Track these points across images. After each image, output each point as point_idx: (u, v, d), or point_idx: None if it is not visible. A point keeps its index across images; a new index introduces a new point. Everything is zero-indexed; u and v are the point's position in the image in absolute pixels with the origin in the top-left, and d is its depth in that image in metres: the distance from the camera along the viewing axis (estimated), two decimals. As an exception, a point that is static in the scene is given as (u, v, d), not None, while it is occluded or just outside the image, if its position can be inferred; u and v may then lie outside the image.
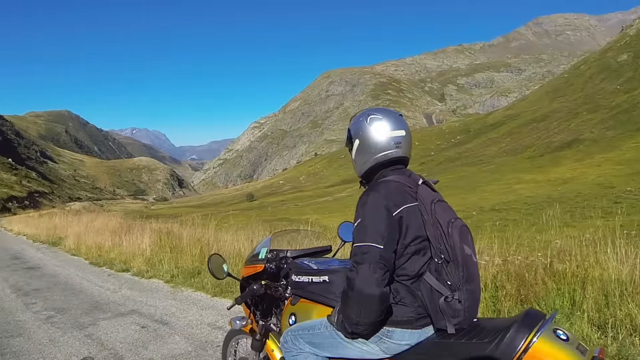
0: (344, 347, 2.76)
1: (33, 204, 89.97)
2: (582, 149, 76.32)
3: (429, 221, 2.56)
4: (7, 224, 43.98)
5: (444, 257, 2.52)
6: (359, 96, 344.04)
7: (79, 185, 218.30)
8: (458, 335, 2.46)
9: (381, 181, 2.67)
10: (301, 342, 2.96)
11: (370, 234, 2.47)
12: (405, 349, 2.62)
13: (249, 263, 3.69)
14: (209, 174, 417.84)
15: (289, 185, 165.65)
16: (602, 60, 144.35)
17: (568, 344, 2.20)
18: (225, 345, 4.28)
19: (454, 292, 2.50)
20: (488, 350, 2.26)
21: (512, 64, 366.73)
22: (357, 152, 2.76)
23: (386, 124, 2.71)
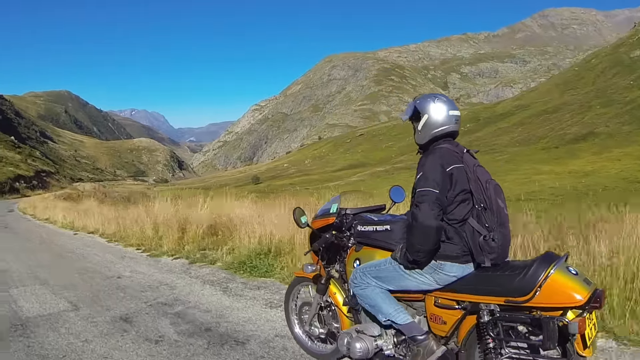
0: (405, 279, 3.54)
1: (41, 184, 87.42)
2: (598, 142, 76.29)
3: (471, 178, 3.32)
4: (29, 208, 35.99)
5: (483, 205, 3.27)
6: (361, 81, 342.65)
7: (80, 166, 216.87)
8: (493, 270, 3.22)
9: (436, 147, 3.48)
10: (368, 277, 3.73)
11: (429, 182, 3.26)
12: (453, 280, 3.37)
13: (320, 216, 4.51)
14: (208, 156, 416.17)
15: (294, 168, 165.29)
16: (614, 55, 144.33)
17: (577, 277, 2.95)
18: (288, 293, 5.10)
19: (490, 232, 3.22)
20: (517, 279, 3.01)
21: (516, 55, 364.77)
22: (424, 125, 3.54)
23: (448, 105, 3.53)
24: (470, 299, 3.22)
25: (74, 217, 21.41)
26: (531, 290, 2.93)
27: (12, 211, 37.16)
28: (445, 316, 3.39)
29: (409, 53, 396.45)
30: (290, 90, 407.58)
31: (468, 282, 3.29)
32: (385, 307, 3.62)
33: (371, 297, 3.68)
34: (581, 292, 2.86)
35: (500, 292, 3.06)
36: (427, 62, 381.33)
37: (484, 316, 3.13)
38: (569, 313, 2.92)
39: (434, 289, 3.44)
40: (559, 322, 2.83)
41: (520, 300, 2.97)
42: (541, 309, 2.94)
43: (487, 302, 3.13)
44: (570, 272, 2.98)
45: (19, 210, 37.26)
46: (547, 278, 2.91)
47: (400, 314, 3.58)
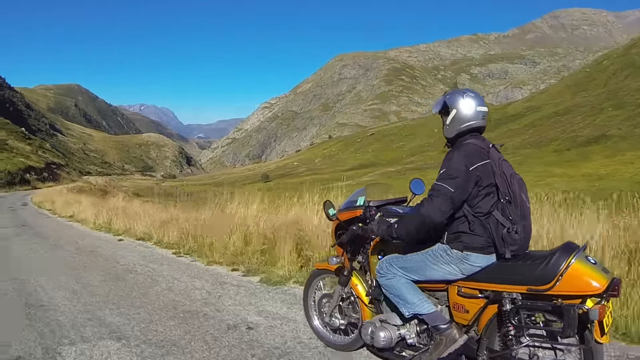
0: (431, 270, 3.69)
1: (52, 176, 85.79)
2: (611, 145, 75.77)
3: (497, 173, 3.46)
4: (46, 202, 31.62)
5: (508, 198, 3.42)
6: (372, 80, 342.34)
7: (89, 159, 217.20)
8: (515, 260, 3.39)
9: (463, 143, 3.61)
10: (394, 268, 3.87)
11: (448, 180, 3.43)
12: (477, 270, 3.51)
13: (347, 209, 4.61)
14: (217, 152, 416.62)
15: (304, 167, 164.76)
16: (626, 56, 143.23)
17: (596, 266, 3.10)
18: (307, 285, 5.19)
19: (514, 225, 3.37)
20: (539, 269, 3.17)
21: (526, 56, 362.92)
22: (453, 119, 3.68)
23: (476, 100, 3.66)
24: (493, 288, 3.41)
25: (110, 216, 17.33)
26: (553, 279, 3.08)
27: (26, 205, 33.70)
28: (468, 305, 3.59)
29: (420, 53, 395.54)
30: (301, 88, 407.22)
31: (491, 271, 3.47)
32: (410, 297, 3.76)
33: (397, 287, 3.83)
34: (600, 280, 2.99)
35: (523, 281, 3.25)
36: (437, 63, 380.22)
37: (506, 304, 3.30)
38: (588, 301, 3.04)
39: (458, 279, 3.62)
40: (579, 309, 2.97)
41: (542, 288, 3.13)
42: (562, 297, 3.08)
43: (510, 291, 3.30)
44: (589, 262, 3.13)
45: (34, 204, 33.74)
46: (568, 267, 3.06)
47: (425, 303, 3.75)
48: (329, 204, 4.77)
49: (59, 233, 16.24)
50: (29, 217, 23.34)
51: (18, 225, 19.08)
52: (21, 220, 21.05)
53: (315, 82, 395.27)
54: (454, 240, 3.57)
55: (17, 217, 23.41)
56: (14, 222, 20.30)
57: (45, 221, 21.09)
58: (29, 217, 23.34)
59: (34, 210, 28.45)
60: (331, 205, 4.76)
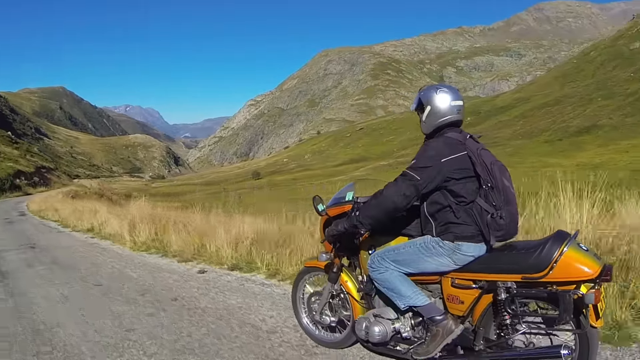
0: (424, 262, 3.65)
1: (43, 181, 79.63)
2: (602, 134, 76.55)
3: (477, 162, 3.41)
4: (48, 211, 25.59)
5: (490, 185, 3.37)
6: (358, 75, 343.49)
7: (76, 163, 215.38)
8: (509, 249, 3.41)
9: (438, 136, 3.65)
10: (386, 261, 3.81)
11: (416, 169, 3.47)
12: (470, 260, 3.49)
13: (335, 204, 4.50)
14: (204, 151, 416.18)
15: (294, 163, 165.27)
16: (613, 47, 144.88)
17: (588, 253, 3.14)
18: (296, 283, 5.10)
19: (498, 210, 3.34)
20: (533, 257, 3.17)
21: (512, 48, 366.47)
22: (428, 115, 3.69)
23: (450, 95, 3.66)
24: (487, 278, 3.40)
25: (153, 231, 12.02)
26: (547, 267, 3.11)
27: (24, 214, 26.96)
28: (462, 296, 3.56)
29: (405, 47, 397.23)
30: (286, 85, 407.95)
31: (484, 261, 3.46)
32: (404, 290, 3.74)
33: (390, 280, 3.79)
34: (593, 266, 3.04)
35: (517, 270, 3.24)
36: (423, 56, 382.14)
37: (501, 293, 3.29)
38: (582, 287, 3.06)
39: (451, 270, 3.59)
40: (574, 294, 3.02)
41: (536, 276, 3.15)
42: (556, 283, 3.13)
43: (504, 280, 3.30)
44: (582, 249, 3.16)
45: (33, 212, 27.00)
46: (561, 254, 3.09)
47: (419, 295, 3.71)
48: (318, 199, 4.68)
49: (90, 260, 10.27)
50: (35, 232, 17.39)
51: (23, 245, 13.32)
52: (26, 238, 15.20)
53: (300, 78, 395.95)
54: (444, 232, 3.57)
55: (19, 232, 17.66)
56: (16, 241, 14.48)
57: (60, 239, 14.85)
58: (35, 232, 17.39)
59: (36, 221, 22.17)
60: (320, 201, 4.67)
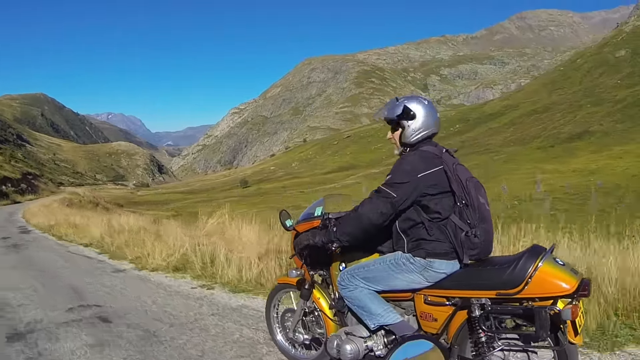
0: (394, 279, 3.55)
1: (31, 188, 77.43)
2: (594, 141, 77.10)
3: (452, 178, 3.34)
4: (54, 225, 20.47)
5: (464, 202, 3.31)
6: (342, 83, 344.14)
7: (60, 170, 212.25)
8: (483, 265, 3.31)
9: (414, 150, 3.53)
10: (356, 279, 3.70)
11: (392, 185, 3.34)
12: (442, 277, 3.40)
13: (304, 220, 4.39)
14: (187, 159, 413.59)
15: (282, 171, 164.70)
16: (599, 55, 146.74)
17: (565, 267, 3.06)
18: (270, 300, 5.00)
19: (473, 229, 3.27)
20: (507, 273, 3.09)
21: (495, 56, 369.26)
22: (415, 126, 3.55)
23: (433, 108, 3.64)
24: (460, 295, 3.30)
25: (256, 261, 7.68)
26: (522, 282, 3.03)
27: (27, 231, 20.50)
28: (435, 313, 3.45)
29: (388, 55, 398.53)
30: (270, 93, 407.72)
31: (457, 278, 3.37)
32: (375, 308, 3.63)
33: (360, 298, 3.68)
34: (569, 281, 2.96)
35: (491, 286, 3.16)
36: (406, 64, 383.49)
37: (476, 310, 3.21)
38: (559, 302, 3.01)
39: (423, 287, 3.49)
40: (550, 310, 2.95)
41: (511, 292, 3.08)
42: (532, 299, 3.05)
43: (478, 297, 3.21)
44: (557, 263, 3.09)
45: (38, 228, 21.01)
46: (536, 269, 3.02)
47: (390, 313, 3.61)
48: (285, 214, 4.57)
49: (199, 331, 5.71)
50: (71, 269, 10.46)
51: (77, 312, 6.64)
52: (64, 287, 8.40)
53: (284, 86, 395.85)
54: (416, 248, 3.48)
55: (38, 268, 10.68)
56: (51, 297, 7.68)
57: (140, 291, 7.96)
58: (71, 269, 10.46)
59: (54, 244, 15.50)
60: (287, 216, 4.56)
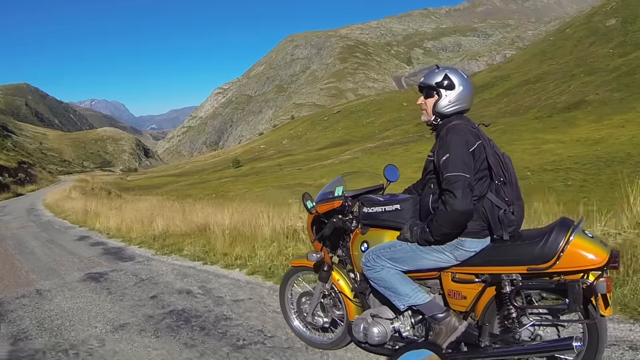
0: (422, 259, 3.48)
1: (29, 178, 72.81)
2: (592, 110, 76.90)
3: (490, 153, 3.31)
4: (113, 225, 15.67)
5: (502, 179, 3.29)
6: (326, 59, 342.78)
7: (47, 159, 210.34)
8: (511, 240, 3.25)
9: (455, 124, 3.43)
10: (382, 259, 3.63)
11: (458, 165, 3.19)
12: (472, 255, 3.36)
13: (324, 200, 4.32)
14: (173, 142, 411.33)
15: (273, 149, 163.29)
16: (588, 24, 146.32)
17: (594, 240, 3.05)
18: (284, 284, 4.92)
19: (510, 206, 3.25)
20: (538, 247, 3.07)
21: (479, 28, 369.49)
22: (456, 97, 3.47)
23: (471, 84, 3.53)
24: (490, 271, 3.27)
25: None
26: (554, 256, 3.02)
27: (84, 236, 15.10)
28: (465, 291, 3.41)
29: (371, 30, 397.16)
30: (253, 71, 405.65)
31: (487, 254, 3.32)
32: (403, 289, 3.57)
33: (386, 279, 3.61)
34: (600, 254, 2.95)
35: (522, 261, 3.14)
36: (389, 38, 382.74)
37: (506, 286, 3.17)
38: (590, 275, 2.98)
39: (451, 265, 3.45)
40: (583, 284, 2.93)
41: (543, 267, 3.06)
42: (564, 273, 3.03)
43: (509, 272, 3.18)
44: (587, 236, 3.07)
45: (113, 236, 14.31)
46: (567, 243, 3.00)
47: (419, 293, 3.55)
48: (307, 196, 4.38)
49: None
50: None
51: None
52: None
53: (267, 64, 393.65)
54: None
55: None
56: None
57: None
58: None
59: (166, 265, 9.37)
60: (309, 198, 4.37)
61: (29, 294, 7.68)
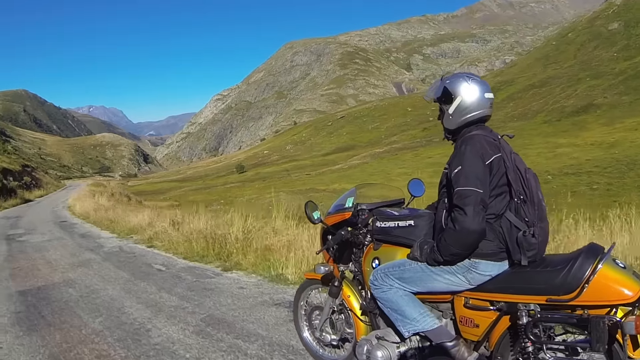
0: (433, 280, 3.23)
1: (34, 182, 68.22)
2: (602, 114, 77.09)
3: (510, 167, 3.03)
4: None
5: (522, 197, 3.00)
6: (326, 66, 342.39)
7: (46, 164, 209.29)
8: (532, 266, 2.95)
9: (472, 135, 3.15)
10: (391, 279, 3.40)
11: (471, 180, 2.94)
12: (487, 280, 3.08)
13: (334, 212, 4.17)
14: (172, 148, 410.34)
15: (276, 154, 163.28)
16: (591, 28, 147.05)
17: (626, 271, 2.69)
18: (298, 296, 4.74)
19: (530, 227, 2.95)
20: (561, 276, 2.74)
21: (477, 34, 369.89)
22: (457, 108, 3.21)
23: (483, 86, 3.22)
24: (506, 299, 2.99)
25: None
26: (577, 287, 2.69)
27: (216, 289, 7.39)
28: (477, 318, 3.13)
29: (370, 36, 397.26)
30: (253, 78, 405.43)
31: (503, 280, 3.05)
32: (410, 311, 3.34)
33: (394, 300, 3.39)
34: (632, 287, 2.59)
35: (542, 290, 2.83)
36: (389, 45, 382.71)
37: (523, 317, 2.87)
38: (618, 311, 2.64)
39: (465, 289, 3.18)
40: (610, 321, 2.55)
41: (565, 298, 2.73)
42: (588, 307, 2.69)
43: (527, 302, 2.89)
44: (618, 266, 2.74)
45: (194, 258, 10.02)
46: (594, 273, 2.66)
47: (427, 318, 3.31)
48: (311, 205, 4.23)
49: None
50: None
51: None
52: None
53: (267, 71, 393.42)
54: None
55: None
56: None
57: None
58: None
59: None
60: (315, 208, 4.22)
61: None
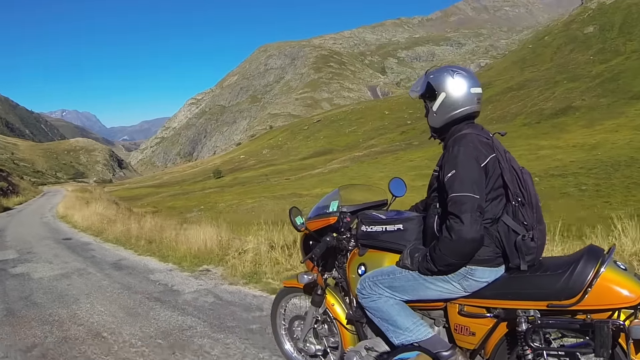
0: (425, 289, 3.03)
1: (11, 187, 60.22)
2: (581, 116, 77.93)
3: (505, 168, 2.84)
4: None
5: (520, 199, 2.83)
6: (300, 69, 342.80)
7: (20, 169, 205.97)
8: (529, 271, 2.80)
9: (464, 134, 2.95)
10: (380, 288, 3.18)
11: (466, 185, 2.74)
12: (483, 286, 2.90)
13: (318, 216, 3.85)
14: (146, 153, 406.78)
15: (253, 159, 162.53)
16: (567, 32, 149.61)
17: (627, 273, 2.61)
18: (275, 305, 4.46)
19: (529, 231, 2.79)
20: (562, 280, 2.62)
21: (452, 37, 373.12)
22: (442, 105, 3.02)
23: (469, 80, 3.02)
24: (504, 305, 2.84)
25: None
26: (580, 291, 2.57)
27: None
28: (473, 326, 2.97)
29: (344, 39, 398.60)
30: (227, 82, 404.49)
31: (500, 286, 2.89)
32: (402, 321, 3.12)
33: (384, 309, 3.17)
34: (634, 290, 2.52)
35: (542, 296, 2.70)
36: (363, 48, 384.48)
37: (522, 324, 2.73)
38: (621, 314, 2.56)
39: (459, 297, 3.01)
40: (613, 325, 2.48)
41: (566, 303, 2.62)
42: (590, 311, 2.59)
43: (526, 308, 2.74)
44: (620, 268, 2.65)
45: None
46: (597, 276, 2.56)
47: (421, 327, 3.09)
48: (295, 210, 3.98)
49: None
50: None
51: None
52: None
53: (241, 74, 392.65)
54: None
55: None
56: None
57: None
58: None
59: None
60: (298, 213, 3.96)
61: None
